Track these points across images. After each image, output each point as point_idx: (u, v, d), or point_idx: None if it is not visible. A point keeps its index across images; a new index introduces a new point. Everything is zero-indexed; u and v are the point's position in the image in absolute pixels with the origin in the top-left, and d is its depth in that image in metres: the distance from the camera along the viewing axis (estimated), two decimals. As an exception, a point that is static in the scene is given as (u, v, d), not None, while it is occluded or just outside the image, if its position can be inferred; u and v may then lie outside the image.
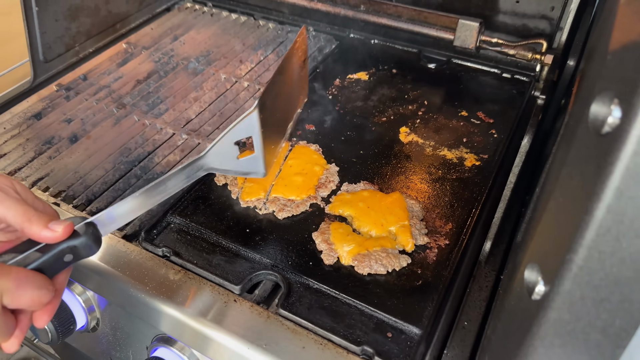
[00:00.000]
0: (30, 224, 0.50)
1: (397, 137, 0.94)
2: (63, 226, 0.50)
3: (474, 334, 0.65)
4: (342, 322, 0.65)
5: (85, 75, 1.12)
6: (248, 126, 0.58)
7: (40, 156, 0.92)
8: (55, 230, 0.50)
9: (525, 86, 1.05)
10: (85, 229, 0.53)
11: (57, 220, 0.51)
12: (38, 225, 0.50)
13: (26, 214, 0.50)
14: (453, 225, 0.77)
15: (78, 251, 0.52)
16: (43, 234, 0.50)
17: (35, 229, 0.50)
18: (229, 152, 0.59)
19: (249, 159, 0.61)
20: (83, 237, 0.52)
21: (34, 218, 0.50)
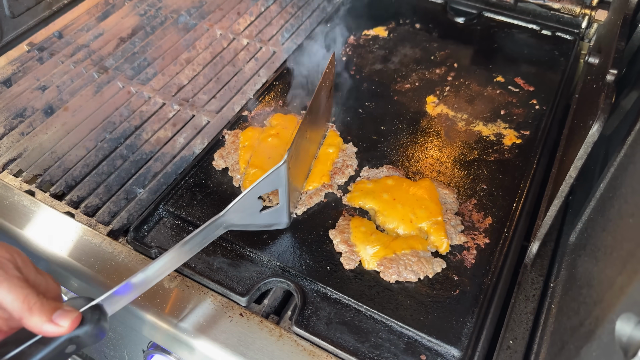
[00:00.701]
0: (31, 314, 0.42)
1: (423, 108, 0.81)
2: (70, 320, 0.43)
3: (521, 355, 0.56)
4: (367, 342, 0.56)
5: (60, 32, 0.97)
6: (275, 180, 0.55)
7: (11, 132, 0.80)
8: (61, 325, 0.42)
9: (569, 46, 0.91)
10: (91, 315, 0.45)
11: (62, 311, 0.43)
12: (40, 316, 0.42)
13: (27, 300, 0.42)
14: (493, 220, 0.66)
15: (81, 341, 0.44)
16: (45, 329, 0.42)
17: (36, 321, 0.42)
18: (251, 207, 0.56)
19: (273, 212, 0.59)
20: (88, 325, 0.44)
21: (35, 307, 0.42)
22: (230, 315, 0.58)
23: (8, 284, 0.42)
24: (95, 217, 0.69)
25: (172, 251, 0.49)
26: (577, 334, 0.43)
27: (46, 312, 0.42)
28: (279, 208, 0.57)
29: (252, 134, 0.74)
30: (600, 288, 0.43)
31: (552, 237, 0.66)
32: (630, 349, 0.34)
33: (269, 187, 0.54)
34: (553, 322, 0.55)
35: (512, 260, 0.63)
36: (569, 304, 0.51)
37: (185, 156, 0.76)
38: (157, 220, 0.67)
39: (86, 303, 0.46)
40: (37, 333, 0.42)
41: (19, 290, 0.42)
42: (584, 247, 0.55)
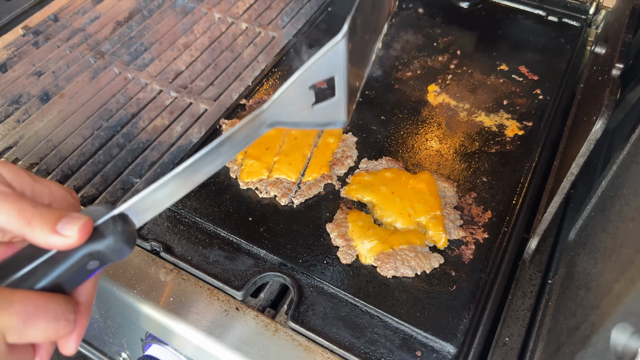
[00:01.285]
0: (32, 228, 0.35)
1: (424, 97, 0.79)
2: (77, 227, 0.35)
3: (517, 353, 0.55)
4: (363, 337, 0.56)
5: (56, 15, 0.95)
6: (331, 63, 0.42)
7: (7, 120, 0.79)
8: (67, 235, 0.35)
9: (575, 33, 0.89)
10: (113, 225, 0.37)
11: (68, 218, 0.36)
12: (42, 228, 0.35)
13: (23, 214, 0.35)
14: (493, 214, 0.65)
15: (104, 256, 0.37)
16: (51, 241, 0.35)
17: (38, 235, 0.35)
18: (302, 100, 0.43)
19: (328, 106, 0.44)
20: (109, 237, 0.36)
21: (35, 219, 0.35)
22: (226, 309, 0.58)
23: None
24: (92, 208, 0.68)
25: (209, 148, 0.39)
26: (573, 337, 0.43)
27: (48, 222, 0.35)
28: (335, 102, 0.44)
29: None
30: (597, 292, 0.42)
31: (552, 233, 0.65)
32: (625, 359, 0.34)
33: (323, 72, 0.43)
34: (550, 321, 0.55)
35: (511, 256, 0.63)
36: (566, 304, 0.51)
37: (182, 145, 0.75)
38: (153, 212, 0.66)
39: (106, 211, 0.37)
40: (44, 247, 0.36)
41: (9, 205, 0.36)
42: (583, 246, 0.54)
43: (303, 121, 0.44)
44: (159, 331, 0.60)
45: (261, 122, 0.42)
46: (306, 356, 0.54)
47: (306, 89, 0.43)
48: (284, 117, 0.43)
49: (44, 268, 0.36)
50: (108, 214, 0.37)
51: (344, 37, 0.38)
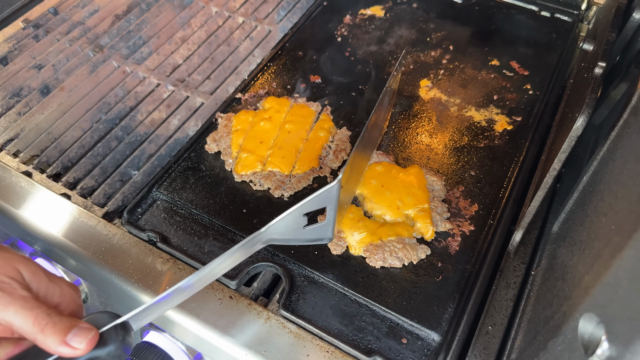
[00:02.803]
0: (44, 337, 0.39)
1: (416, 92, 0.81)
2: (86, 341, 0.40)
3: (499, 341, 0.58)
4: (351, 325, 0.58)
5: (55, 9, 0.97)
6: (325, 199, 0.50)
7: (8, 112, 0.81)
8: (76, 347, 0.40)
9: (567, 28, 0.90)
10: (115, 333, 0.42)
11: (77, 330, 0.40)
12: (53, 338, 0.39)
13: (38, 322, 0.39)
14: (480, 207, 0.67)
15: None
16: (60, 350, 0.39)
17: (49, 343, 0.39)
18: (295, 223, 0.52)
19: (318, 228, 0.53)
20: (111, 345, 0.41)
21: (48, 328, 0.39)
22: (220, 298, 0.60)
23: (14, 306, 0.40)
24: (91, 199, 0.70)
25: (207, 267, 0.47)
26: (547, 326, 0.45)
27: (59, 333, 0.39)
28: (324, 224, 0.53)
29: (244, 117, 0.75)
30: (571, 283, 0.44)
31: (537, 225, 0.67)
32: (590, 347, 0.36)
33: (316, 205, 0.51)
34: (530, 310, 0.57)
35: (496, 248, 0.65)
36: (545, 295, 0.53)
37: (179, 138, 0.77)
38: (150, 203, 0.68)
39: (109, 319, 0.42)
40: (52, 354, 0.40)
41: (28, 312, 0.40)
42: (564, 239, 0.56)
43: (294, 238, 0.54)
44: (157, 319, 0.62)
45: (257, 240, 0.50)
46: (297, 343, 0.57)
47: (300, 216, 0.51)
48: (278, 235, 0.52)
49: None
50: (111, 323, 0.42)
51: (337, 183, 0.48)
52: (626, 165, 0.44)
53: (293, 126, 0.73)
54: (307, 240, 0.55)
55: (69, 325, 0.40)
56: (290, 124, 0.74)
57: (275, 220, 0.49)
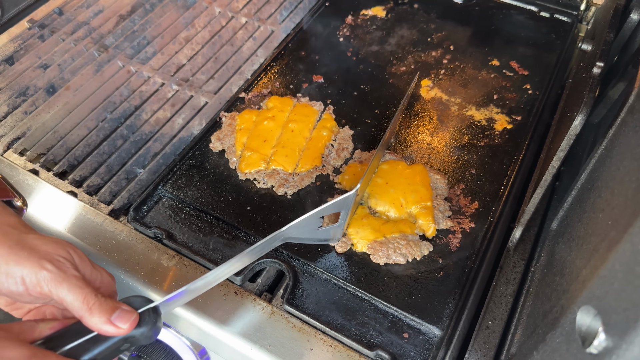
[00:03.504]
0: (91, 315, 0.42)
1: (417, 91, 0.82)
2: (129, 321, 0.43)
3: (499, 336, 0.59)
4: (354, 320, 0.59)
5: (60, 9, 0.98)
6: (342, 205, 0.57)
7: (15, 111, 0.82)
8: (120, 327, 0.43)
9: (566, 28, 0.91)
10: (148, 316, 0.45)
11: (121, 311, 0.43)
12: (100, 316, 0.42)
13: (87, 300, 0.42)
14: (480, 205, 0.68)
15: (136, 340, 0.45)
16: (105, 329, 0.42)
17: (95, 321, 0.42)
18: (311, 225, 0.57)
19: (330, 229, 0.60)
20: (144, 327, 0.44)
21: (95, 307, 0.42)
22: (225, 293, 0.61)
23: (68, 284, 0.43)
24: (97, 197, 0.71)
25: (232, 261, 0.50)
26: (546, 319, 0.46)
27: (105, 312, 0.42)
28: (336, 226, 0.59)
29: (248, 116, 0.76)
30: (569, 278, 0.45)
31: (537, 222, 0.68)
32: (588, 339, 0.37)
33: (333, 210, 0.57)
34: (530, 305, 0.58)
35: (496, 244, 0.66)
36: (544, 290, 0.54)
37: (183, 137, 0.78)
38: (156, 201, 0.69)
39: (144, 303, 0.45)
40: (96, 332, 0.43)
41: (78, 291, 0.43)
42: (563, 235, 0.57)
43: (308, 237, 0.60)
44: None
45: (276, 238, 0.55)
46: (300, 337, 0.58)
47: (317, 218, 0.57)
48: (294, 234, 0.57)
49: (89, 344, 0.43)
50: (146, 306, 0.45)
51: (355, 192, 0.56)
52: (623, 163, 0.45)
53: (296, 125, 0.74)
54: (318, 240, 0.60)
55: (113, 307, 0.43)
56: (293, 123, 0.75)
57: (296, 221, 0.53)
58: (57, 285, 0.43)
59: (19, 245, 0.44)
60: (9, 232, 0.45)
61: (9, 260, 0.43)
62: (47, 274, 0.43)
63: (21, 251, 0.43)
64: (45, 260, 0.43)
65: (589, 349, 0.35)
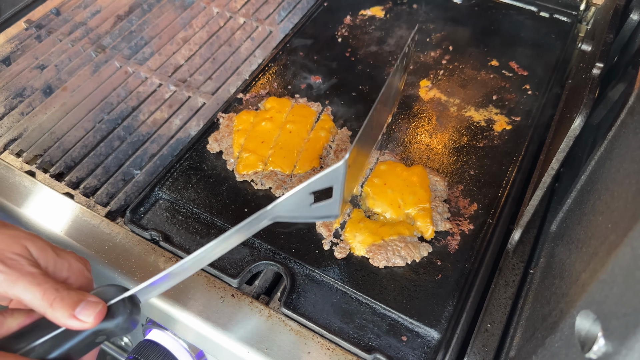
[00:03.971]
0: (53, 311, 0.41)
1: (416, 92, 0.82)
2: (94, 314, 0.41)
3: (498, 339, 0.59)
4: (352, 323, 0.59)
5: (57, 9, 0.97)
6: (332, 178, 0.51)
7: (11, 112, 0.81)
8: (84, 320, 0.41)
9: (566, 29, 0.90)
10: (123, 306, 0.43)
11: (85, 304, 0.41)
12: (62, 311, 0.41)
13: (46, 296, 0.41)
14: (479, 206, 0.68)
15: (112, 332, 0.43)
16: (69, 324, 0.41)
17: (58, 317, 0.41)
18: (302, 201, 0.52)
19: (324, 206, 0.53)
20: (119, 317, 0.42)
21: (56, 302, 0.41)
22: (222, 296, 0.61)
23: (22, 282, 0.41)
24: (94, 198, 0.71)
25: (213, 243, 0.47)
26: (545, 323, 0.46)
27: (68, 307, 0.41)
28: (331, 202, 0.53)
29: (246, 117, 0.76)
30: (568, 281, 0.45)
31: (536, 224, 0.68)
32: (587, 344, 0.36)
33: (324, 184, 0.51)
34: (529, 309, 0.58)
35: (495, 246, 0.65)
36: (543, 293, 0.54)
37: (181, 138, 0.78)
38: (153, 203, 0.69)
39: (117, 293, 0.44)
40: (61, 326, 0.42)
41: (35, 288, 0.41)
42: (562, 237, 0.57)
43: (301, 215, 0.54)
44: (159, 317, 0.63)
45: (264, 217, 0.50)
46: (298, 340, 0.57)
47: (307, 194, 0.51)
48: (285, 213, 0.52)
49: (57, 340, 0.41)
50: (119, 296, 0.43)
51: (344, 162, 0.49)
52: (622, 165, 0.45)
53: (294, 126, 0.74)
54: (314, 218, 0.55)
55: (76, 299, 0.41)
56: (291, 124, 0.74)
57: (283, 198, 0.49)
58: (11, 284, 0.41)
59: None
60: None
61: None
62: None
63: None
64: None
65: (589, 354, 0.35)
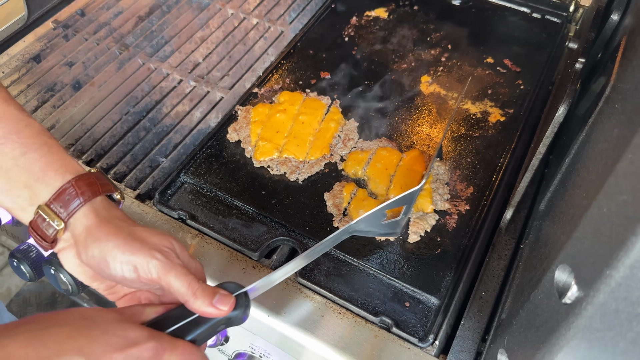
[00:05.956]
0: (195, 299, 0.46)
1: (417, 87, 0.89)
2: (229, 305, 0.47)
3: (491, 305, 0.65)
4: (360, 291, 0.66)
5: (82, 10, 1.04)
6: (407, 199, 0.60)
7: (44, 105, 0.88)
8: (221, 309, 0.47)
9: (556, 28, 0.97)
10: (242, 300, 0.49)
11: (220, 296, 0.48)
12: (203, 300, 0.46)
13: (191, 286, 0.47)
14: (474, 189, 0.75)
15: (231, 322, 0.49)
16: (207, 311, 0.47)
17: (199, 305, 0.46)
18: (377, 218, 0.61)
19: (393, 223, 0.63)
20: (239, 309, 0.49)
21: (199, 292, 0.47)
22: (244, 268, 0.68)
23: (175, 271, 0.47)
24: (124, 183, 0.78)
25: (306, 253, 0.55)
26: (530, 283, 0.53)
27: (207, 297, 0.46)
28: (399, 220, 0.63)
29: (261, 110, 0.83)
30: (552, 247, 0.52)
31: (526, 205, 0.75)
32: (564, 292, 0.43)
33: (398, 204, 0.61)
34: (519, 277, 0.65)
35: (489, 225, 0.72)
36: (531, 261, 0.60)
37: (202, 129, 0.85)
38: (179, 186, 0.76)
39: (237, 288, 0.50)
40: (199, 314, 0.47)
41: (183, 278, 0.47)
42: (548, 214, 0.64)
43: (372, 230, 0.64)
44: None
45: (346, 231, 0.59)
46: (312, 306, 0.64)
47: (382, 213, 0.61)
48: (361, 227, 0.61)
49: (191, 326, 0.47)
50: (239, 290, 0.50)
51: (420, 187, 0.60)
52: (597, 145, 0.51)
53: (306, 117, 0.81)
54: (380, 234, 0.64)
55: (213, 292, 0.47)
56: (303, 115, 0.81)
57: (364, 216, 0.58)
58: (166, 272, 0.47)
59: (131, 237, 0.48)
60: (120, 225, 0.49)
61: (124, 250, 0.47)
62: (157, 263, 0.47)
63: (134, 242, 0.48)
64: (155, 251, 0.48)
65: (564, 300, 0.42)
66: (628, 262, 0.35)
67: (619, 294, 0.36)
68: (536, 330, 0.48)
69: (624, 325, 0.37)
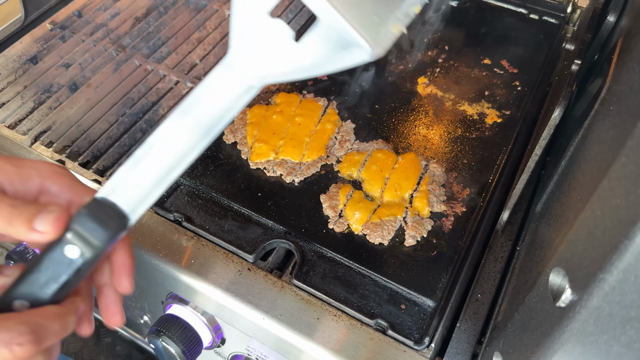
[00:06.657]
0: (14, 228, 0.36)
1: (414, 88, 0.88)
2: (50, 222, 0.36)
3: (487, 307, 0.65)
4: (356, 293, 0.65)
5: (79, 12, 1.04)
6: None
7: (40, 107, 0.88)
8: (42, 230, 0.36)
9: (554, 30, 0.97)
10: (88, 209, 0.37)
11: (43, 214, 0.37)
12: (21, 227, 0.36)
13: (4, 215, 0.36)
14: (471, 191, 0.74)
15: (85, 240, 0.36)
16: (31, 238, 0.37)
17: (20, 233, 0.36)
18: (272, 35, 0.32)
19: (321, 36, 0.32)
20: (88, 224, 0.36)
21: (14, 219, 0.36)
22: (239, 270, 0.67)
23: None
24: (120, 184, 0.78)
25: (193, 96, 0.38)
26: (526, 285, 0.53)
27: (25, 221, 0.36)
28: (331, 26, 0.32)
29: (258, 111, 0.83)
30: (547, 250, 0.52)
31: (523, 207, 0.75)
32: (558, 296, 0.43)
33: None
34: (515, 280, 0.64)
35: (486, 227, 0.72)
36: (527, 264, 0.60)
37: (198, 130, 0.84)
38: (174, 188, 0.76)
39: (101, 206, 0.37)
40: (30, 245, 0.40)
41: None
42: (544, 216, 0.64)
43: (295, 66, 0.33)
44: (182, 289, 0.69)
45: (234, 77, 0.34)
46: (308, 308, 0.64)
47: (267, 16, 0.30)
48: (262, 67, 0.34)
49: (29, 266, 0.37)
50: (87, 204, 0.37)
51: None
52: (593, 147, 0.51)
53: (302, 119, 0.81)
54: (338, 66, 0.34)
55: (34, 212, 0.37)
56: (299, 117, 0.81)
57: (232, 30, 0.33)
58: None
59: None
60: None
61: None
62: None
63: None
64: None
65: (558, 303, 0.42)
66: (622, 265, 0.34)
67: (612, 297, 0.36)
68: (531, 334, 0.47)
69: (618, 328, 0.37)
